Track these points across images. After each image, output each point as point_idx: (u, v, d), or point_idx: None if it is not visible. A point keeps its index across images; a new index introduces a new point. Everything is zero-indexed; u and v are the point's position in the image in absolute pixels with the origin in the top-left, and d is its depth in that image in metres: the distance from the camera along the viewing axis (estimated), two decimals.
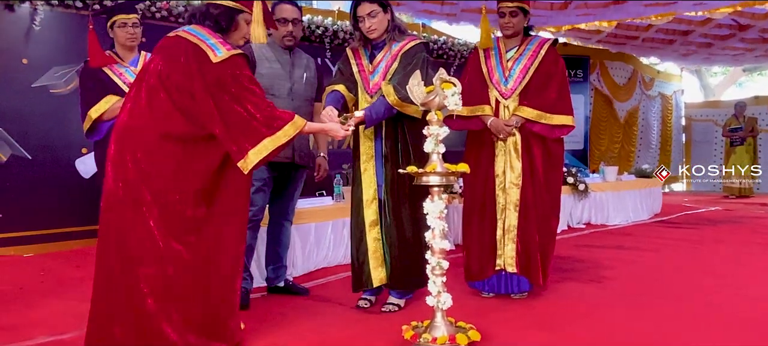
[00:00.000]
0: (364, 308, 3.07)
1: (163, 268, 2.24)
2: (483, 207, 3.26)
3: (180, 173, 2.27)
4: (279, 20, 3.13)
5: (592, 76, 10.21)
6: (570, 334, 2.68)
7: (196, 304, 2.29)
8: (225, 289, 2.37)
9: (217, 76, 2.25)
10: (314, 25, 6.59)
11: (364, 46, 3.07)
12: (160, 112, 2.27)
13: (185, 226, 2.27)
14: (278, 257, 3.43)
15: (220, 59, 2.25)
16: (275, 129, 2.29)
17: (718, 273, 3.95)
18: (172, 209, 2.25)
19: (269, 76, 3.12)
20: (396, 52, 2.96)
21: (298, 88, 3.23)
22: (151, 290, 2.22)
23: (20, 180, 4.89)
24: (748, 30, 8.56)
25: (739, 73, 17.12)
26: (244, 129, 2.26)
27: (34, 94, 4.95)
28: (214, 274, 2.33)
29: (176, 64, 2.29)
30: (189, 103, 2.27)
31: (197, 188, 2.28)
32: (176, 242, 2.25)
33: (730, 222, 6.80)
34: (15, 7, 4.84)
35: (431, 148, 2.44)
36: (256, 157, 2.27)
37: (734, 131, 10.15)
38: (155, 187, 2.24)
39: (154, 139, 2.26)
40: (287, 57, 3.23)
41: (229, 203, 2.37)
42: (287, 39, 3.19)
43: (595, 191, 6.51)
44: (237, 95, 2.26)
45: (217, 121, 2.24)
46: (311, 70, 3.34)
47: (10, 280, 3.89)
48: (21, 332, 2.77)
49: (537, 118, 3.16)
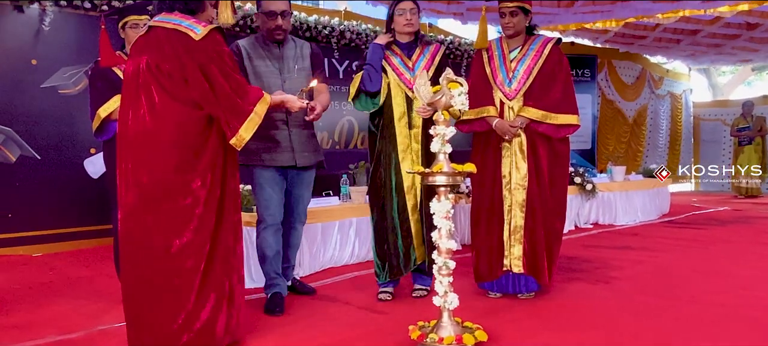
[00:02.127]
0: (387, 300, 3.24)
1: (182, 263, 2.28)
2: (491, 208, 3.26)
3: (185, 169, 2.28)
4: (267, 14, 3.05)
5: (600, 76, 10.18)
6: (577, 334, 2.67)
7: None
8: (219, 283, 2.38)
9: (203, 52, 2.29)
10: (321, 26, 6.59)
11: (390, 45, 3.30)
12: (159, 108, 2.28)
13: (193, 224, 2.28)
14: (286, 257, 3.37)
15: (201, 36, 2.29)
16: (251, 105, 2.36)
17: (726, 273, 3.92)
18: (181, 207, 2.27)
19: (261, 75, 3.07)
20: (432, 53, 3.30)
21: (290, 84, 3.08)
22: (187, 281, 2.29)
23: (29, 180, 4.93)
24: (756, 29, 8.50)
25: (748, 72, 17.00)
26: (232, 106, 2.32)
27: (43, 94, 4.99)
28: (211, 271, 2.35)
29: (162, 53, 2.31)
30: (183, 89, 2.29)
31: (199, 184, 2.30)
32: (185, 239, 2.28)
33: (739, 222, 6.75)
34: (24, 8, 4.87)
35: (438, 148, 2.43)
36: (247, 134, 2.33)
37: (742, 131, 10.09)
38: (164, 187, 2.26)
39: (157, 140, 2.27)
40: (278, 51, 3.13)
41: (230, 201, 2.41)
42: (277, 33, 3.08)
43: (602, 191, 6.49)
44: (223, 70, 2.31)
45: (211, 99, 2.30)
46: (305, 59, 3.21)
47: (19, 279, 3.92)
48: (30, 331, 2.79)
49: (542, 118, 3.15)
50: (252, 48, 3.10)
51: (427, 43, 3.35)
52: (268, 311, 2.99)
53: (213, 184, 2.33)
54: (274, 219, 3.09)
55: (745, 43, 9.18)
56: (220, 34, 2.37)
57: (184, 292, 2.28)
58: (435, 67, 3.25)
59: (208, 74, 2.29)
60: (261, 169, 3.06)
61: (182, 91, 2.30)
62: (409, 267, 3.25)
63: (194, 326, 2.28)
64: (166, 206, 2.26)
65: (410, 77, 3.22)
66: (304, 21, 6.50)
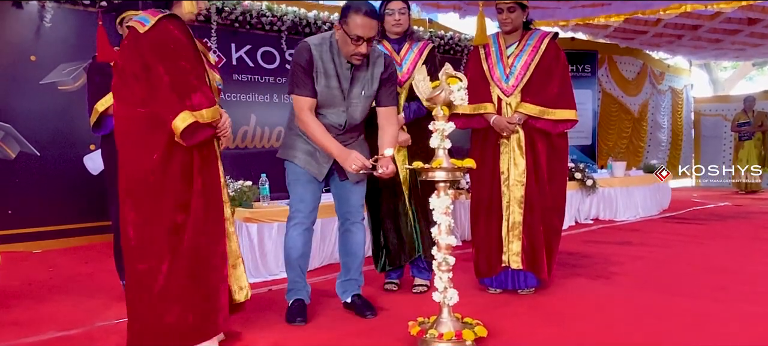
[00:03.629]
0: (393, 290, 3.36)
1: (133, 265, 2.25)
2: (489, 205, 3.25)
3: (137, 169, 2.25)
4: (352, 38, 2.62)
5: (600, 71, 10.15)
6: (577, 330, 2.66)
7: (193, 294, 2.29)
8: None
9: (147, 45, 2.19)
10: (321, 21, 6.59)
11: (380, 40, 3.29)
12: (115, 108, 2.31)
13: (170, 219, 2.24)
14: (346, 268, 3.04)
15: (147, 27, 2.20)
16: (189, 108, 2.20)
17: (726, 269, 3.92)
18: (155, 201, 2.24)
19: (324, 95, 2.74)
20: (420, 48, 3.32)
21: (352, 110, 2.81)
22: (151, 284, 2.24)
23: (29, 177, 4.93)
24: (757, 24, 8.47)
25: (749, 68, 16.98)
26: (168, 103, 2.19)
27: (42, 91, 4.98)
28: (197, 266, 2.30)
29: (122, 53, 2.29)
30: (129, 87, 2.24)
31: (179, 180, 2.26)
32: (164, 230, 2.24)
33: (739, 218, 6.75)
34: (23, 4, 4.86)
35: (437, 144, 2.43)
36: (182, 123, 2.17)
37: (742, 126, 10.07)
38: (123, 186, 2.28)
39: (118, 140, 2.29)
40: (348, 72, 2.76)
41: (200, 200, 2.29)
42: (356, 58, 2.70)
43: (603, 187, 6.48)
44: (166, 63, 2.18)
45: (152, 95, 2.20)
46: (374, 82, 2.83)
47: (19, 275, 3.92)
48: (29, 328, 2.79)
49: (539, 114, 3.14)
50: (320, 59, 2.72)
51: (416, 39, 3.38)
52: (288, 320, 2.79)
53: (168, 184, 2.23)
54: (303, 218, 2.87)
55: (746, 38, 9.16)
56: (173, 23, 2.23)
57: (144, 294, 2.23)
58: (422, 60, 3.28)
59: (150, 68, 2.19)
60: (295, 166, 2.87)
61: (128, 90, 2.24)
62: (408, 257, 3.30)
63: (156, 330, 2.23)
64: (127, 205, 2.26)
65: (399, 72, 3.21)
66: (304, 17, 6.49)
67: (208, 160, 2.34)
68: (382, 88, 2.85)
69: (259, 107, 6.31)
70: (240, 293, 2.51)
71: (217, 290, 2.33)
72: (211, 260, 2.32)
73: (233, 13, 5.96)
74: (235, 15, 5.98)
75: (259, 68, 6.33)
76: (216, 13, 5.83)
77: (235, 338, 2.56)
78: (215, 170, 2.38)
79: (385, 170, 2.67)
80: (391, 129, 2.85)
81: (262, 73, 6.34)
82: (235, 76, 6.14)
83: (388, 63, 2.88)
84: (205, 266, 2.30)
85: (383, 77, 2.84)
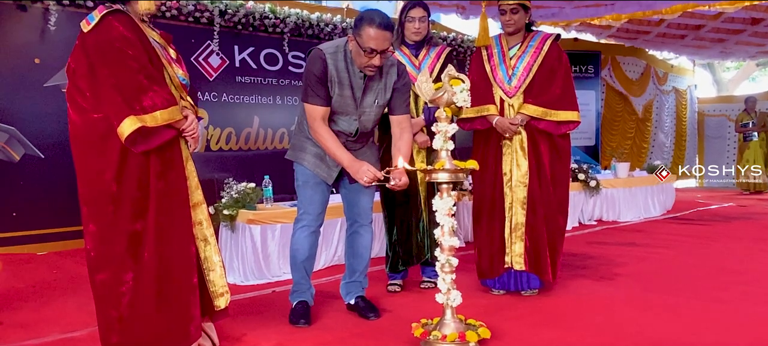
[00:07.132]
0: (396, 292, 3.38)
1: (93, 276, 2.18)
2: (492, 206, 3.25)
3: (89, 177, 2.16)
4: (365, 50, 2.57)
5: (604, 72, 10.14)
6: (580, 331, 2.66)
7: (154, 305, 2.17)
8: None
9: (91, 45, 2.07)
10: (324, 23, 6.59)
11: (399, 46, 3.42)
12: (84, 114, 2.13)
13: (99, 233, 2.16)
14: (351, 270, 3.02)
15: (91, 26, 2.08)
16: (140, 112, 2.04)
17: (731, 270, 3.91)
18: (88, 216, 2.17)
19: (337, 103, 2.72)
20: (438, 52, 3.44)
21: (365, 119, 2.80)
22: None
23: (33, 179, 4.94)
24: (760, 24, 8.45)
25: (752, 68, 16.94)
26: (112, 102, 2.04)
27: (47, 93, 4.99)
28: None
29: (72, 55, 2.15)
30: (76, 90, 2.13)
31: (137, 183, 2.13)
32: (123, 240, 2.14)
33: (743, 219, 6.73)
34: (27, 6, 4.88)
35: (440, 145, 2.43)
36: (128, 128, 2.01)
37: (746, 126, 10.05)
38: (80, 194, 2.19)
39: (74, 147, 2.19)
40: (360, 82, 2.74)
41: (159, 204, 2.15)
42: (369, 69, 2.67)
43: (606, 188, 6.47)
44: (109, 62, 2.04)
45: (96, 97, 2.07)
46: (387, 92, 2.81)
47: (24, 278, 3.93)
48: (34, 330, 2.80)
49: (542, 115, 3.14)
50: (334, 68, 2.68)
51: (434, 44, 3.51)
52: (291, 321, 2.79)
53: (124, 191, 2.10)
54: (310, 220, 2.86)
55: (750, 38, 9.14)
56: (119, 19, 2.08)
57: (112, 310, 2.14)
58: (440, 65, 3.38)
59: (94, 67, 2.06)
60: (304, 169, 2.86)
61: (79, 94, 2.11)
62: (419, 257, 3.40)
63: (113, 341, 2.14)
64: (85, 214, 2.17)
65: (417, 75, 3.23)
66: (307, 19, 6.50)
67: (171, 164, 2.18)
68: (395, 97, 2.84)
69: (262, 109, 6.32)
70: (220, 299, 2.37)
71: (187, 301, 2.20)
72: (178, 269, 2.18)
73: (236, 15, 5.97)
74: (238, 17, 5.99)
75: (262, 70, 6.34)
76: (219, 16, 5.84)
77: (238, 340, 2.57)
78: (180, 173, 2.22)
79: (398, 182, 2.67)
80: (405, 139, 2.83)
81: (265, 75, 6.36)
82: (238, 79, 6.15)
83: (402, 71, 2.85)
84: (171, 276, 2.17)
85: (396, 86, 2.82)
